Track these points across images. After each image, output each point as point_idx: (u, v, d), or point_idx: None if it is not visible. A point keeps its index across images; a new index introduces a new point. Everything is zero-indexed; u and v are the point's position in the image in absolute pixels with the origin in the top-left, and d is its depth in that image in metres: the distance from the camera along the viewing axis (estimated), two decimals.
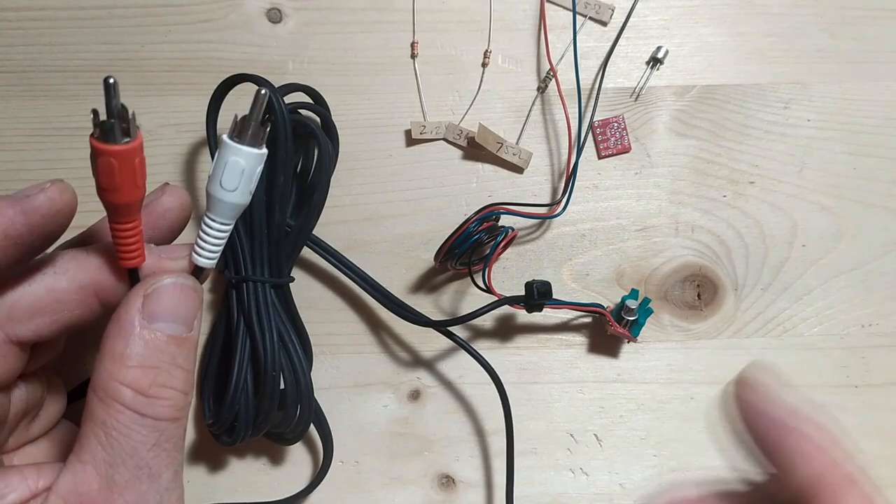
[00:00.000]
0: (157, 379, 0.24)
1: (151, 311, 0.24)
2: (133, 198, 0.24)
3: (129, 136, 0.22)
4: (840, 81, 0.40)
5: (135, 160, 0.23)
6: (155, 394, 0.23)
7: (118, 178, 0.23)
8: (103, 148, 0.22)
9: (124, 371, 0.23)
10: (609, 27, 0.39)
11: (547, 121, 0.39)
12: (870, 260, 0.39)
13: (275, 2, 0.39)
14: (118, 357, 0.23)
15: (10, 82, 0.38)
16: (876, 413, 0.39)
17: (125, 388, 0.23)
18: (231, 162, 0.25)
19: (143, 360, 0.23)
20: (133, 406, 0.23)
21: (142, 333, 0.24)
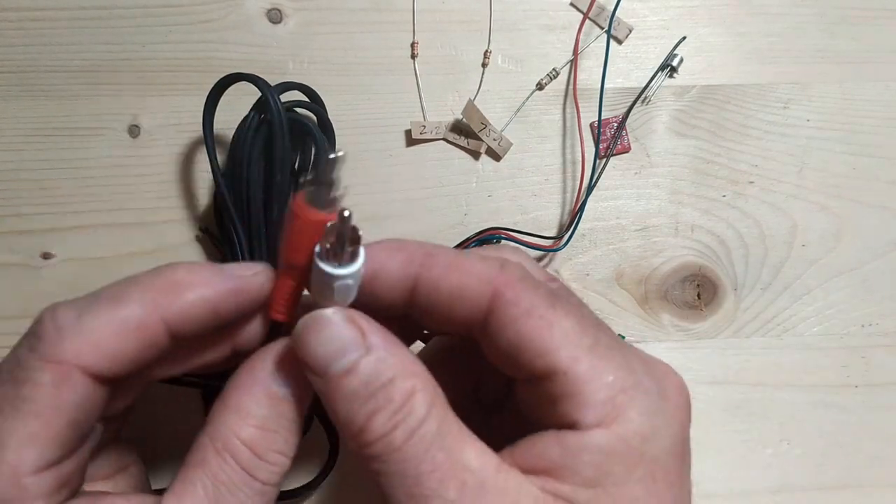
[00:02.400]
0: (274, 444, 0.23)
1: (286, 372, 0.23)
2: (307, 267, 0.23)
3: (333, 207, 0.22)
4: (840, 81, 0.40)
5: None
6: (270, 459, 0.23)
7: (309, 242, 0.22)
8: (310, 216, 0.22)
9: (246, 429, 0.23)
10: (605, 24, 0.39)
11: (548, 120, 0.39)
12: (869, 260, 0.39)
13: (275, 2, 0.39)
14: (243, 412, 0.23)
15: (10, 82, 0.38)
16: (876, 413, 0.39)
17: (243, 447, 0.22)
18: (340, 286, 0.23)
19: (266, 422, 0.23)
20: (247, 466, 0.22)
21: (272, 394, 0.23)
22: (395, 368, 0.22)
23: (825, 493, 0.38)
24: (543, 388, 0.23)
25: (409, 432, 0.21)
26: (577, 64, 0.39)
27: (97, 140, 0.38)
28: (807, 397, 0.39)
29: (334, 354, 0.22)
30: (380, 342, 0.22)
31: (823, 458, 0.38)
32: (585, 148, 0.39)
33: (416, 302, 0.24)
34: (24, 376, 0.22)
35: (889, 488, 0.38)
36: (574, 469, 0.22)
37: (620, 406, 0.22)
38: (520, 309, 0.23)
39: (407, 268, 0.23)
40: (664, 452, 0.23)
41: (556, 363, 0.22)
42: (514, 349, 0.23)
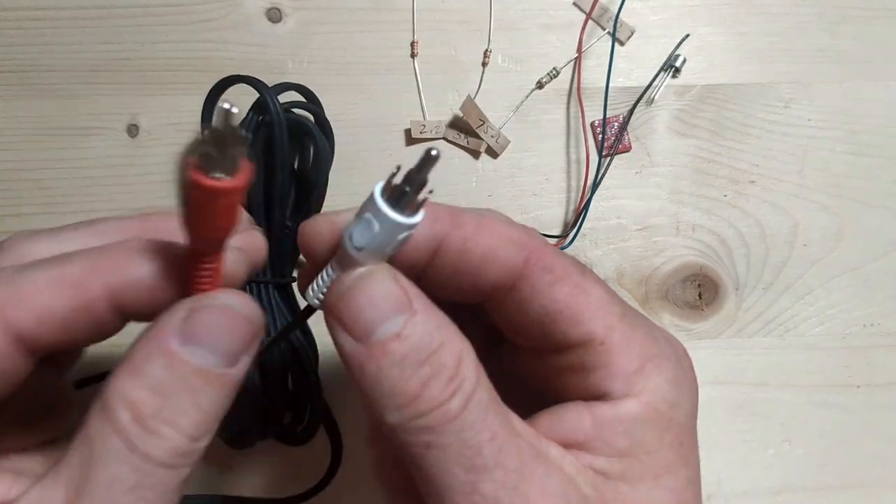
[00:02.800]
0: (164, 411, 0.19)
1: (190, 331, 0.19)
2: (216, 238, 0.20)
3: (234, 171, 0.18)
4: (841, 81, 0.40)
5: (232, 199, 0.18)
6: (154, 427, 0.19)
7: (213, 216, 0.18)
8: (205, 183, 0.17)
9: (132, 388, 0.19)
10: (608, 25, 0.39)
11: (548, 119, 0.39)
12: (871, 259, 0.39)
13: (274, 1, 0.39)
14: (133, 369, 0.19)
15: (10, 82, 0.38)
16: (878, 413, 0.39)
17: (123, 409, 0.19)
18: (403, 238, 0.20)
19: (158, 384, 0.19)
20: (125, 432, 0.19)
21: (167, 351, 0.19)
22: (443, 331, 0.20)
23: (827, 493, 0.38)
24: (572, 358, 0.22)
25: (465, 399, 0.20)
26: (581, 64, 0.39)
27: (96, 139, 0.38)
28: (808, 397, 0.38)
29: (382, 317, 0.20)
30: (422, 304, 0.20)
31: (825, 459, 0.38)
32: (589, 147, 0.38)
33: (439, 265, 0.22)
34: None
35: (891, 488, 0.38)
36: (607, 440, 0.21)
37: (649, 374, 0.22)
38: (555, 275, 0.22)
39: (433, 225, 0.21)
40: (687, 417, 0.23)
41: (594, 333, 0.21)
42: (549, 317, 0.22)
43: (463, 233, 0.22)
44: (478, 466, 0.19)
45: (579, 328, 0.22)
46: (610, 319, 0.22)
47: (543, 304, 0.22)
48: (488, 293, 0.22)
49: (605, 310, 0.22)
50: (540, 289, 0.22)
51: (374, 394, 0.20)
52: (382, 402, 0.20)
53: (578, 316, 0.22)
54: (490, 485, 0.19)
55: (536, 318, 0.22)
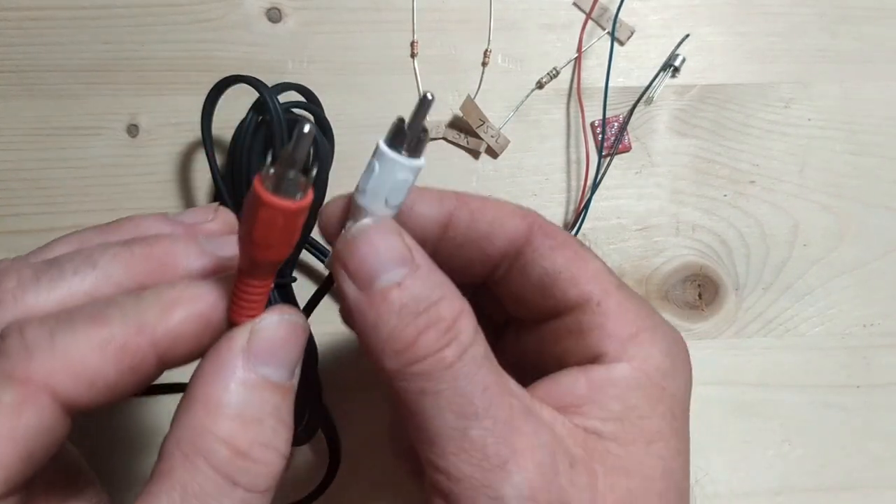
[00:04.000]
0: (260, 437, 0.19)
1: (259, 351, 0.20)
2: (279, 258, 0.20)
3: (302, 192, 0.18)
4: (841, 81, 0.40)
5: (300, 221, 0.19)
6: (255, 455, 0.19)
7: (276, 236, 0.19)
8: (274, 202, 0.18)
9: (220, 422, 0.19)
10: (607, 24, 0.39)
11: (548, 119, 0.39)
12: (871, 259, 0.39)
13: (274, 1, 0.39)
14: (213, 404, 0.19)
15: (10, 82, 0.38)
16: (878, 413, 0.39)
17: (220, 445, 0.18)
18: (402, 179, 0.21)
19: (245, 411, 0.19)
20: (226, 470, 0.18)
21: (246, 378, 0.19)
22: (443, 288, 0.21)
23: (827, 493, 0.38)
24: (570, 321, 0.23)
25: (460, 351, 0.20)
26: (581, 64, 0.39)
27: (96, 139, 0.38)
28: (808, 398, 0.38)
29: (384, 266, 0.20)
30: (425, 261, 0.21)
31: (825, 459, 0.38)
32: (589, 147, 0.38)
33: (450, 237, 0.24)
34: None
35: (891, 489, 0.38)
36: (601, 403, 0.22)
37: (643, 342, 0.23)
38: (556, 241, 0.23)
39: (443, 203, 0.23)
40: (680, 391, 0.24)
41: (590, 293, 0.23)
42: (549, 278, 0.23)
43: (470, 206, 0.23)
44: (468, 414, 0.20)
45: (577, 288, 0.23)
46: (607, 285, 0.23)
47: (545, 266, 0.23)
48: (496, 261, 0.24)
49: (602, 276, 0.23)
50: (542, 252, 0.23)
51: (373, 340, 0.21)
52: (381, 348, 0.20)
53: (577, 277, 0.23)
54: (479, 432, 0.20)
55: (538, 281, 0.23)
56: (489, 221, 0.24)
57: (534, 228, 0.24)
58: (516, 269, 0.24)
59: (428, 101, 0.20)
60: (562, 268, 0.23)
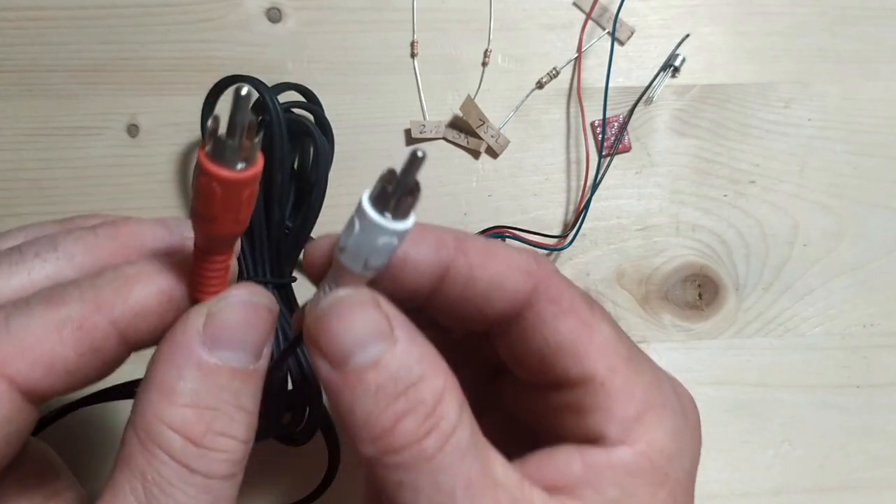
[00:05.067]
0: (214, 424, 0.18)
1: (215, 335, 0.19)
2: (229, 233, 0.19)
3: (245, 162, 0.17)
4: (841, 81, 0.40)
5: (244, 192, 0.18)
6: (210, 444, 0.18)
7: (218, 207, 0.18)
8: (210, 169, 0.17)
9: (173, 410, 0.18)
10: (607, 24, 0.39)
11: (548, 119, 0.39)
12: (871, 259, 0.39)
13: (274, 1, 0.39)
14: (167, 390, 0.18)
15: (10, 82, 0.38)
16: (878, 413, 0.39)
17: (173, 434, 0.18)
18: (384, 244, 0.19)
19: (199, 398, 0.18)
20: (181, 458, 0.18)
21: (200, 362, 0.18)
22: (424, 364, 0.19)
23: (827, 494, 0.38)
24: (570, 397, 0.21)
25: (442, 440, 0.19)
26: (581, 64, 0.39)
27: (96, 139, 0.38)
28: (808, 398, 0.38)
29: (359, 344, 0.19)
30: (405, 332, 0.19)
31: (825, 459, 0.38)
32: (589, 147, 0.39)
33: (445, 291, 0.21)
34: None
35: (891, 490, 0.38)
36: (597, 487, 0.20)
37: (649, 423, 0.21)
38: (561, 307, 0.21)
39: (439, 251, 0.21)
40: (685, 473, 0.22)
41: (595, 372, 0.21)
42: (550, 350, 0.21)
43: (469, 260, 0.21)
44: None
45: (580, 366, 0.21)
46: (613, 360, 0.21)
47: (546, 337, 0.21)
48: (493, 321, 0.22)
49: (609, 350, 0.21)
50: (544, 319, 0.21)
51: (348, 422, 0.19)
52: (356, 433, 0.19)
53: (580, 353, 0.21)
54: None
55: (538, 350, 0.21)
56: (489, 279, 0.21)
57: (539, 289, 0.21)
58: (516, 332, 0.22)
59: (419, 158, 0.18)
60: (565, 340, 0.21)
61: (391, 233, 0.18)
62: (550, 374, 0.21)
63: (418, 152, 0.18)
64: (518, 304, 0.21)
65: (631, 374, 0.21)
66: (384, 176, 0.18)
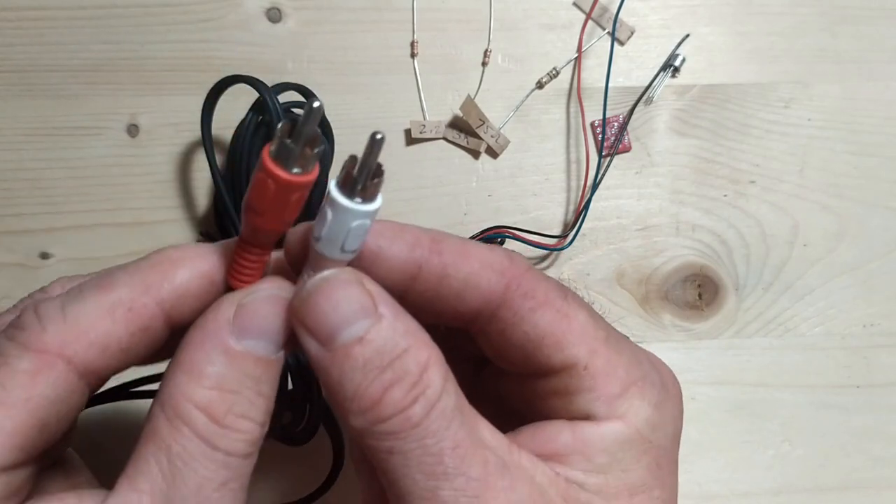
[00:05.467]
0: (236, 407, 0.20)
1: (243, 324, 0.20)
2: (272, 229, 0.20)
3: (301, 168, 0.19)
4: (841, 81, 0.40)
5: (294, 195, 0.19)
6: (230, 424, 0.20)
7: (268, 203, 0.19)
8: (269, 166, 0.18)
9: (200, 391, 0.19)
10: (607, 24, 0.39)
11: (548, 119, 0.39)
12: (871, 259, 0.39)
13: (274, 1, 0.39)
14: (195, 372, 0.20)
15: (10, 82, 0.38)
16: (878, 413, 0.39)
17: (198, 412, 0.19)
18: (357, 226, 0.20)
19: (224, 381, 0.20)
20: (204, 434, 0.19)
21: (228, 348, 0.20)
22: (409, 338, 0.20)
23: (826, 494, 0.38)
24: (555, 383, 0.22)
25: (428, 406, 0.20)
26: (581, 64, 0.39)
27: (96, 139, 0.38)
28: (808, 398, 0.38)
29: (345, 321, 0.20)
30: (389, 309, 0.20)
31: (825, 459, 0.38)
32: (589, 147, 0.39)
33: (419, 290, 0.22)
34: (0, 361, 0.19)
35: (891, 490, 0.38)
36: (586, 455, 0.22)
37: (632, 397, 0.22)
38: (536, 301, 0.22)
39: (413, 251, 0.21)
40: (668, 440, 0.23)
41: (577, 357, 0.22)
42: (531, 343, 0.22)
43: (443, 259, 0.22)
44: (438, 474, 0.20)
45: (562, 353, 0.22)
46: (593, 344, 0.22)
47: (525, 331, 0.22)
48: (469, 319, 0.23)
49: (588, 334, 0.22)
50: (522, 315, 0.22)
51: (337, 397, 0.20)
52: (346, 406, 0.20)
53: (561, 341, 0.22)
54: (450, 492, 0.19)
55: (519, 344, 0.22)
56: (463, 278, 0.22)
57: (511, 286, 0.22)
58: (494, 328, 0.22)
59: (377, 140, 0.19)
60: (544, 332, 0.22)
61: (362, 214, 0.19)
62: (534, 364, 0.22)
63: (377, 135, 0.19)
64: (493, 302, 0.22)
65: (612, 355, 0.22)
66: (347, 163, 0.19)
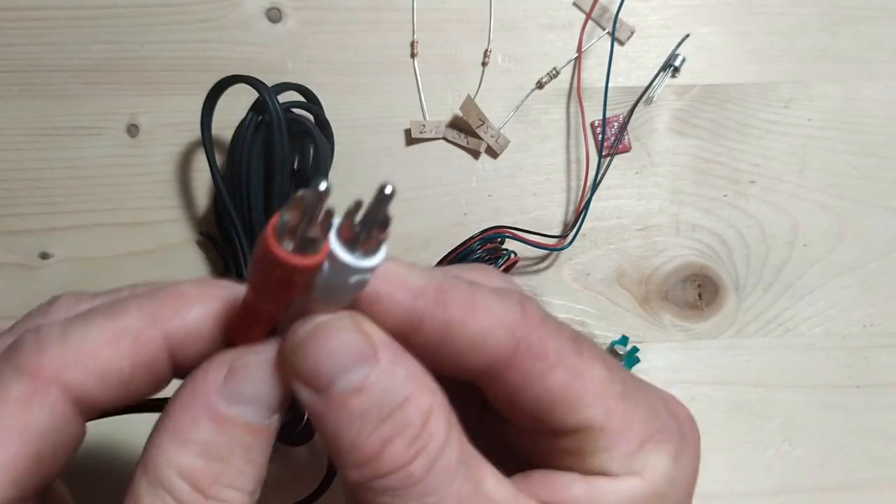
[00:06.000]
0: (223, 476, 0.19)
1: (234, 389, 0.19)
2: (273, 308, 0.19)
3: (313, 250, 0.17)
4: (841, 81, 0.40)
5: (299, 277, 0.17)
6: (216, 494, 0.19)
7: (284, 290, 0.18)
8: (291, 262, 0.16)
9: (184, 457, 0.18)
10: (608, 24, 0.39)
11: (548, 119, 0.39)
12: (871, 259, 0.39)
13: (274, 1, 0.39)
14: (180, 437, 0.18)
15: (10, 82, 0.38)
16: (878, 413, 0.39)
17: (182, 482, 0.18)
18: (355, 282, 0.18)
19: (211, 448, 0.18)
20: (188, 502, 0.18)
21: (216, 414, 0.18)
22: (410, 384, 0.19)
23: (827, 494, 0.38)
24: (568, 443, 0.21)
25: (430, 461, 0.18)
26: (581, 64, 0.39)
27: (96, 139, 0.38)
28: (808, 398, 0.38)
29: (341, 369, 0.18)
30: (389, 353, 0.19)
31: (825, 459, 0.38)
32: (589, 147, 0.39)
33: (418, 342, 0.20)
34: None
35: (891, 489, 0.38)
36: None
37: (649, 452, 0.21)
38: (548, 362, 0.20)
39: (415, 301, 0.19)
40: (685, 493, 0.22)
41: (592, 420, 0.20)
42: (543, 405, 0.20)
43: (448, 313, 0.19)
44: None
45: (577, 416, 0.20)
46: (609, 402, 0.20)
47: (536, 394, 0.20)
48: (473, 376, 0.21)
49: (604, 392, 0.20)
50: (532, 377, 0.20)
51: (333, 448, 0.19)
52: (342, 458, 0.18)
53: (575, 403, 0.20)
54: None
55: (529, 404, 0.20)
56: (468, 336, 0.20)
57: (521, 347, 0.20)
58: (501, 388, 0.21)
59: (387, 195, 0.16)
60: (557, 396, 0.20)
61: (362, 271, 0.17)
62: (545, 424, 0.21)
63: (387, 188, 0.16)
64: (500, 363, 0.20)
65: (628, 410, 0.21)
66: (351, 210, 0.17)
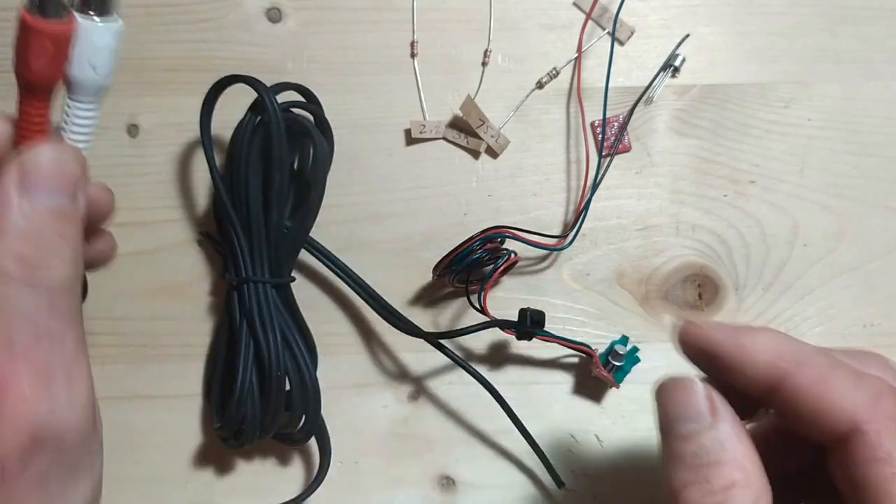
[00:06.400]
0: (41, 250, 0.22)
1: (29, 182, 0.23)
2: (53, 80, 0.23)
3: (60, 16, 0.22)
4: (841, 81, 0.40)
5: (68, 42, 0.23)
6: (41, 263, 0.22)
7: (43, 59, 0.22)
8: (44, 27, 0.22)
9: (6, 245, 0.22)
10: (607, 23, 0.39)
11: (548, 119, 0.39)
12: (871, 259, 0.39)
13: (274, 1, 0.39)
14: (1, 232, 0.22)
15: (10, 82, 0.38)
16: None
17: (8, 261, 0.22)
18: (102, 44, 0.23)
19: (25, 233, 0.22)
20: (20, 276, 0.22)
21: (20, 207, 0.22)
22: (726, 455, 0.22)
23: None
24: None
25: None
26: (581, 64, 0.39)
27: (96, 139, 0.38)
28: None
29: (683, 417, 0.23)
30: (727, 426, 0.23)
31: None
32: (589, 147, 0.38)
33: (773, 399, 0.23)
34: None
35: None
36: None
37: None
38: (874, 455, 0.21)
39: (776, 363, 0.23)
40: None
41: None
42: (860, 491, 0.22)
43: (800, 382, 0.23)
44: None
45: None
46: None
47: (856, 479, 0.22)
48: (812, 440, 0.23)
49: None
50: (856, 462, 0.22)
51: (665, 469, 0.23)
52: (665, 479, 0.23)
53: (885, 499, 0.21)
54: None
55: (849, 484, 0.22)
56: (811, 410, 0.23)
57: (857, 431, 0.22)
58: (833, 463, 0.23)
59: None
60: (873, 488, 0.21)
61: (102, 30, 0.23)
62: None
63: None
64: (831, 439, 0.22)
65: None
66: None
